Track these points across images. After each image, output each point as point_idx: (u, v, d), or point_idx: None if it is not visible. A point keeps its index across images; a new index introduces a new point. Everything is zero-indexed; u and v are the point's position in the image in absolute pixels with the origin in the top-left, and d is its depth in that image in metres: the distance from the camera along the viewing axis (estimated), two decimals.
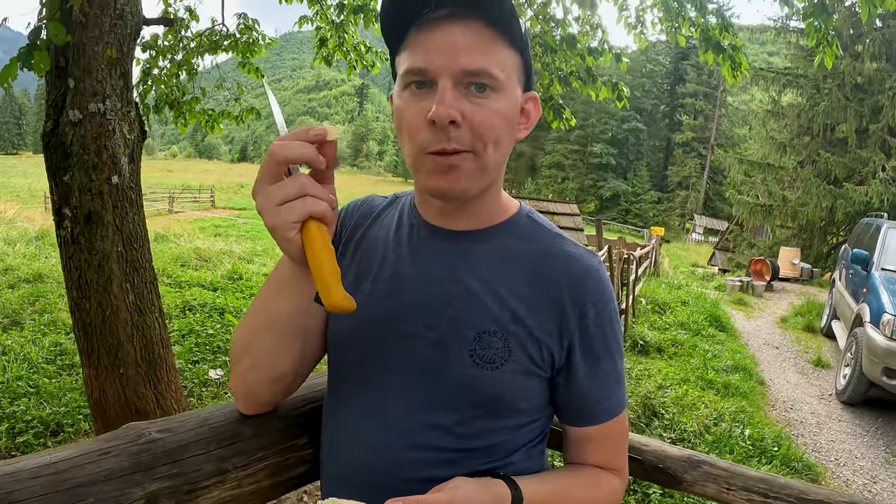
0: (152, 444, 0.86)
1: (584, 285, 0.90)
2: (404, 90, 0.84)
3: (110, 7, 2.31)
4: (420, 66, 0.80)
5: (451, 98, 0.79)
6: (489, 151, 0.83)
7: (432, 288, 0.91)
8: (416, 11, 0.82)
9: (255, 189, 0.75)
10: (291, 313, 0.87)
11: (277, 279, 0.86)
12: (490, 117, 0.81)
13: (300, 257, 0.75)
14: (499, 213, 0.96)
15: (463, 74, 0.80)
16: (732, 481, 1.29)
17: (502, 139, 0.85)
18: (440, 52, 0.79)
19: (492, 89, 0.81)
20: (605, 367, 0.93)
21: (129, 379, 2.58)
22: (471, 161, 0.82)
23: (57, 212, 2.50)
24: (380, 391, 0.91)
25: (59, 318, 5.61)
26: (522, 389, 0.89)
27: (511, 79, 0.85)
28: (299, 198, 0.72)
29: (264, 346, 0.89)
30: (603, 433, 0.96)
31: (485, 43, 0.81)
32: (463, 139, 0.80)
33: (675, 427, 4.63)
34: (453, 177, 0.82)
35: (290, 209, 0.72)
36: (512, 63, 0.85)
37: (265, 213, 0.74)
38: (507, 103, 0.84)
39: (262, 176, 0.74)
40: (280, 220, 0.72)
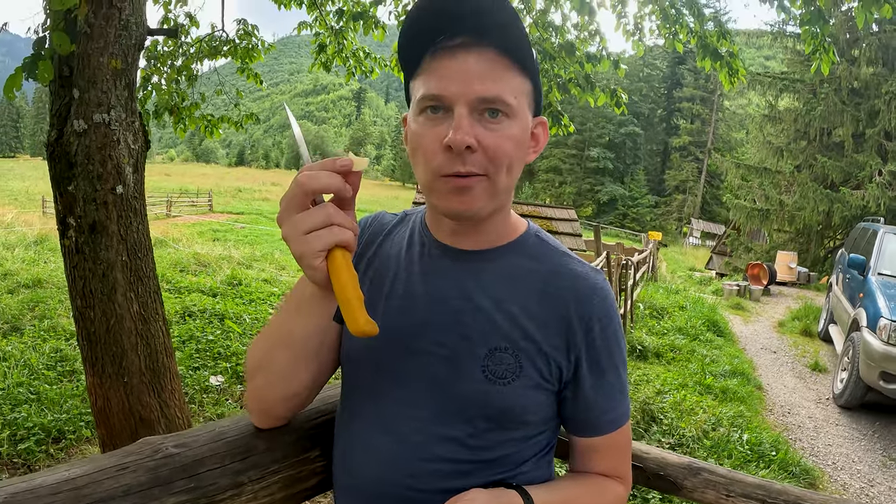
0: (169, 458, 0.87)
1: (591, 302, 0.94)
2: (419, 115, 0.86)
3: (115, 18, 2.32)
4: (435, 93, 0.83)
5: (468, 125, 0.82)
6: (501, 176, 0.86)
7: (443, 306, 0.94)
8: (431, 39, 0.85)
9: (280, 217, 0.77)
10: (309, 333, 0.89)
11: (297, 300, 0.88)
12: (503, 143, 0.84)
13: (325, 283, 0.78)
14: (508, 232, 0.99)
15: (478, 101, 0.83)
16: (731, 488, 1.33)
17: (514, 164, 0.88)
18: (455, 79, 0.83)
19: (505, 115, 0.85)
20: (611, 379, 0.96)
21: (133, 388, 2.58)
22: (484, 184, 0.86)
23: (61, 221, 2.51)
24: (393, 405, 0.94)
25: (59, 324, 5.61)
26: (532, 403, 0.92)
27: (522, 105, 0.88)
28: (326, 227, 0.75)
29: (280, 365, 0.91)
30: (608, 443, 0.99)
31: (498, 70, 0.84)
32: (477, 163, 0.84)
33: (674, 432, 4.65)
34: (467, 198, 0.85)
35: (317, 238, 0.75)
36: (523, 89, 0.88)
37: (292, 241, 0.76)
38: (519, 128, 0.87)
39: (289, 205, 0.76)
40: (307, 249, 0.75)
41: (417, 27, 0.86)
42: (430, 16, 0.84)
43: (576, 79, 4.91)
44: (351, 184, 0.77)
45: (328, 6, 5.69)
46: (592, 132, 59.22)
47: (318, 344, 0.92)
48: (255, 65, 5.72)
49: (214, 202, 35.15)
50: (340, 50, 5.72)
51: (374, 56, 5.95)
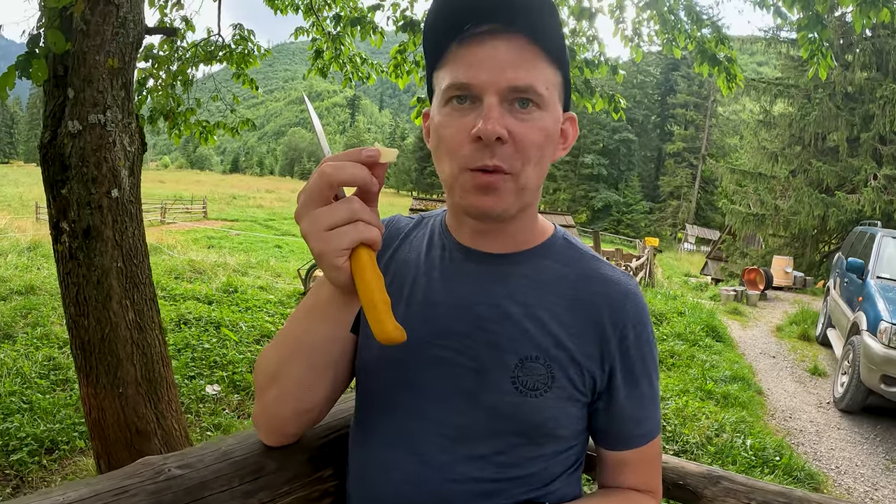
0: (172, 481, 0.81)
1: (624, 308, 0.88)
2: (445, 105, 0.81)
3: (112, 15, 2.26)
4: (464, 81, 0.78)
5: (498, 114, 0.77)
6: (529, 171, 0.81)
7: (468, 313, 0.88)
8: (458, 26, 0.79)
9: (299, 212, 0.70)
10: (327, 340, 0.83)
11: (314, 304, 0.82)
12: (534, 134, 0.79)
13: (348, 286, 0.71)
14: (535, 235, 0.93)
15: (509, 90, 0.77)
16: (752, 496, 1.30)
17: (543, 158, 0.82)
18: (484, 67, 0.77)
19: (536, 106, 0.79)
20: (644, 389, 0.91)
21: (128, 398, 2.51)
22: (510, 183, 0.80)
23: (54, 226, 2.45)
24: (413, 419, 0.88)
25: (52, 332, 5.54)
26: (564, 416, 0.87)
27: (553, 97, 0.82)
28: (351, 223, 0.68)
29: (294, 377, 0.84)
30: (639, 457, 0.94)
31: (529, 59, 0.79)
32: (506, 156, 0.78)
33: (678, 439, 4.61)
34: (492, 197, 0.80)
35: (340, 235, 0.68)
36: (554, 81, 0.83)
37: (312, 238, 0.69)
38: (551, 121, 0.82)
39: (310, 198, 0.69)
40: (329, 247, 0.68)
41: (444, 14, 0.80)
42: (457, 1, 0.79)
43: (575, 84, 4.88)
44: (377, 177, 0.71)
45: (325, 11, 5.65)
46: (586, 138, 59.36)
47: (336, 355, 0.86)
48: (250, 71, 5.68)
49: (209, 209, 35.06)
50: (337, 55, 5.68)
51: (371, 62, 5.91)
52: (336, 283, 0.72)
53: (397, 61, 5.22)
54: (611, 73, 4.83)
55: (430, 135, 0.86)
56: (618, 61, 5.13)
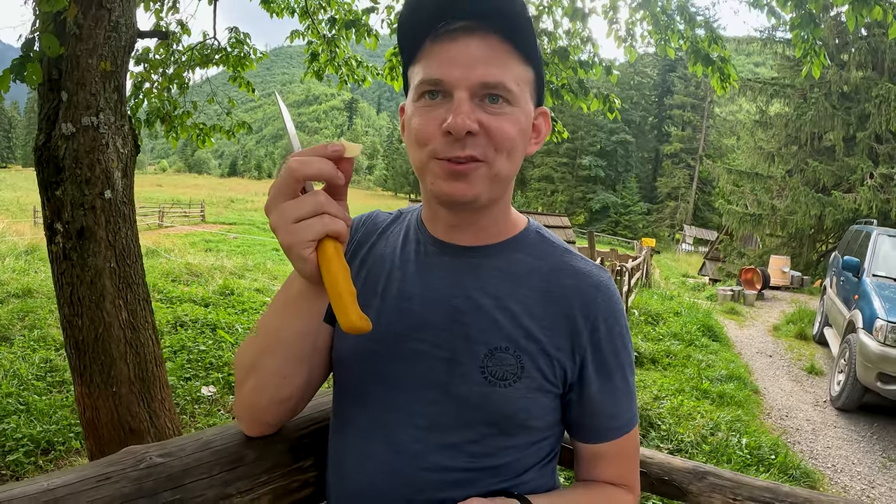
0: (153, 468, 0.83)
1: (595, 301, 0.90)
2: (418, 100, 0.83)
3: (105, 19, 2.28)
4: (436, 77, 0.80)
5: (468, 109, 0.78)
6: (501, 161, 0.82)
7: (441, 305, 0.89)
8: (432, 23, 0.81)
9: (268, 205, 0.73)
10: (300, 334, 0.84)
11: (286, 299, 0.83)
12: (506, 126, 0.81)
13: (315, 277, 0.73)
14: (507, 228, 0.95)
15: (480, 87, 0.79)
16: (738, 491, 1.29)
17: (515, 151, 0.84)
18: (456, 63, 0.79)
19: (506, 101, 0.81)
20: (617, 382, 0.92)
21: (122, 397, 2.53)
22: (483, 170, 0.82)
23: (49, 227, 2.47)
24: (388, 411, 0.89)
25: (49, 334, 5.54)
26: (535, 406, 0.88)
27: (524, 93, 0.84)
28: (316, 216, 0.70)
29: (270, 368, 0.86)
30: (615, 450, 0.94)
31: (501, 56, 0.81)
32: (478, 147, 0.80)
33: (672, 438, 4.62)
34: (464, 184, 0.81)
35: (307, 227, 0.70)
36: (526, 77, 0.84)
37: (280, 230, 0.71)
38: (522, 116, 0.84)
39: (278, 192, 0.72)
40: (296, 239, 0.70)
41: (418, 12, 0.82)
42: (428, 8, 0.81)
43: (569, 84, 4.90)
44: (343, 171, 0.73)
45: (320, 14, 5.66)
46: (584, 140, 59.43)
47: (310, 346, 0.87)
48: (246, 74, 5.68)
49: (207, 213, 35.05)
50: (333, 58, 5.69)
51: (367, 64, 5.92)
52: (304, 274, 0.74)
53: (392, 64, 5.24)
54: (605, 73, 4.85)
55: (405, 128, 0.88)
56: (613, 62, 5.15)
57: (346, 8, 5.52)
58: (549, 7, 4.83)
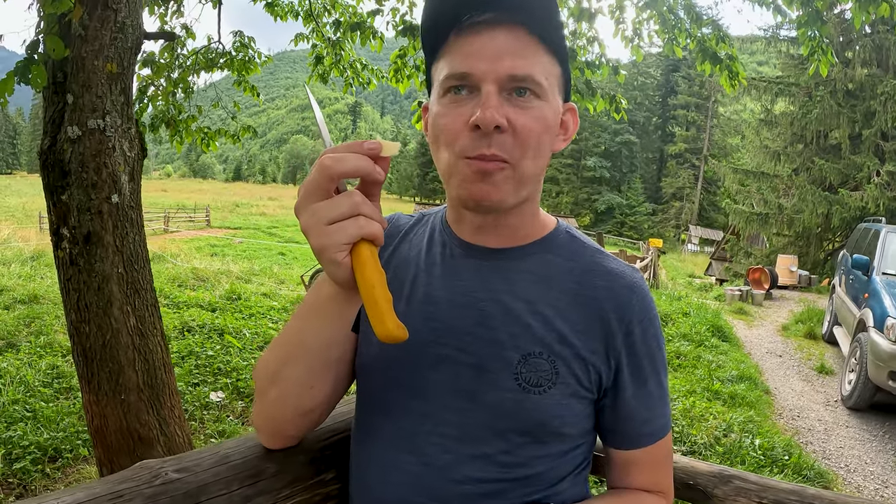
0: (169, 485, 0.79)
1: (630, 302, 0.86)
2: (443, 96, 0.80)
3: (110, 20, 2.25)
4: (462, 71, 0.77)
5: (497, 102, 0.75)
6: (527, 161, 0.79)
7: (470, 310, 0.86)
8: (457, 16, 0.78)
9: (299, 205, 0.68)
10: (327, 342, 0.81)
11: (313, 304, 0.80)
12: (533, 123, 0.78)
13: (349, 282, 0.69)
14: (537, 229, 0.91)
15: (508, 79, 0.76)
16: (764, 495, 1.27)
17: (542, 148, 0.81)
18: (483, 56, 0.76)
19: (534, 95, 0.78)
20: (652, 387, 0.89)
21: (130, 405, 2.49)
22: (508, 172, 0.78)
23: (55, 232, 2.44)
24: (413, 421, 0.86)
25: (55, 340, 5.53)
26: (569, 413, 0.84)
27: (553, 87, 0.81)
28: (352, 217, 0.66)
29: (293, 378, 0.82)
30: (649, 456, 0.91)
31: (527, 48, 0.78)
32: (505, 145, 0.77)
33: (686, 440, 4.59)
34: (489, 187, 0.78)
35: (341, 230, 0.66)
36: (554, 71, 0.81)
37: (312, 232, 0.67)
38: (550, 111, 0.81)
39: (310, 191, 0.67)
40: (330, 242, 0.66)
41: (442, 5, 0.79)
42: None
43: (575, 85, 4.86)
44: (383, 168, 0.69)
45: (325, 17, 5.65)
46: (588, 141, 59.38)
47: (336, 355, 0.84)
48: (251, 78, 5.67)
49: (212, 217, 35.15)
50: (338, 61, 5.67)
51: (372, 67, 5.90)
52: (336, 279, 0.70)
53: (397, 66, 5.21)
54: (612, 73, 4.81)
55: (429, 127, 0.85)
56: (618, 62, 5.12)
57: (351, 11, 5.51)
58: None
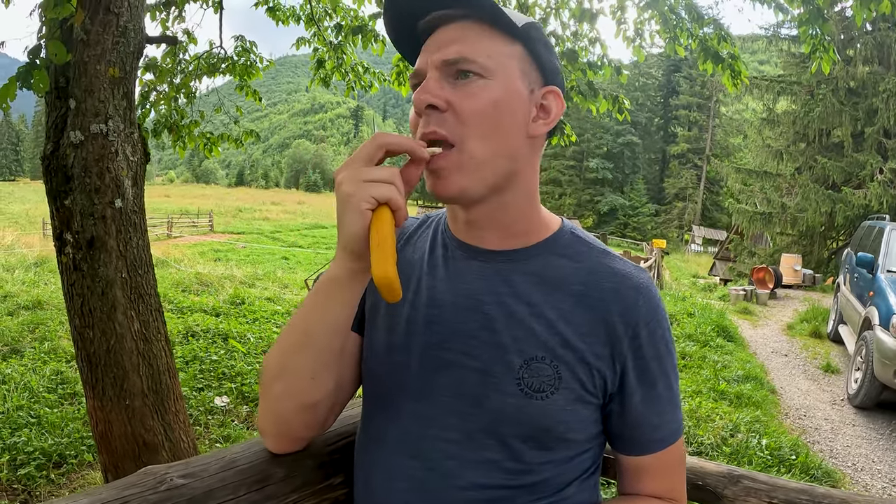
0: (174, 491, 0.78)
1: (636, 304, 0.84)
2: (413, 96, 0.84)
3: (113, 24, 2.25)
4: (416, 68, 0.84)
5: (434, 85, 0.79)
6: (474, 141, 0.79)
7: (473, 314, 0.85)
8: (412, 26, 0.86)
9: (343, 166, 0.74)
10: (331, 328, 0.81)
11: (319, 289, 0.82)
12: (478, 103, 0.79)
13: (361, 239, 0.72)
14: (539, 230, 0.90)
15: (444, 63, 0.79)
16: (774, 494, 1.25)
17: (497, 127, 0.80)
18: (429, 49, 0.82)
19: (478, 76, 0.79)
20: (661, 390, 0.87)
21: (135, 410, 2.49)
22: (453, 156, 0.79)
23: (58, 237, 2.44)
24: (418, 425, 0.85)
25: (59, 346, 5.53)
26: (574, 419, 0.83)
27: (507, 67, 0.81)
28: (388, 183, 0.72)
29: (298, 368, 0.82)
30: (660, 462, 0.89)
31: (471, 36, 0.81)
32: (445, 124, 0.79)
33: (692, 440, 4.57)
34: (444, 181, 0.80)
35: (374, 187, 0.72)
36: (507, 52, 0.81)
37: (346, 182, 0.73)
38: (501, 91, 0.80)
39: (358, 156, 0.74)
40: (361, 192, 0.72)
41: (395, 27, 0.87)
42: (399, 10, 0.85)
43: (577, 86, 4.85)
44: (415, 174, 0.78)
45: (326, 21, 5.66)
46: (590, 143, 59.30)
47: (339, 347, 0.83)
48: (253, 83, 5.68)
49: (215, 222, 35.18)
50: (340, 65, 5.68)
51: (373, 70, 5.90)
52: (352, 229, 0.73)
53: (399, 69, 5.22)
54: (615, 73, 4.81)
55: None
56: (620, 63, 5.11)
57: (353, 14, 5.51)
58: (557, 9, 4.79)
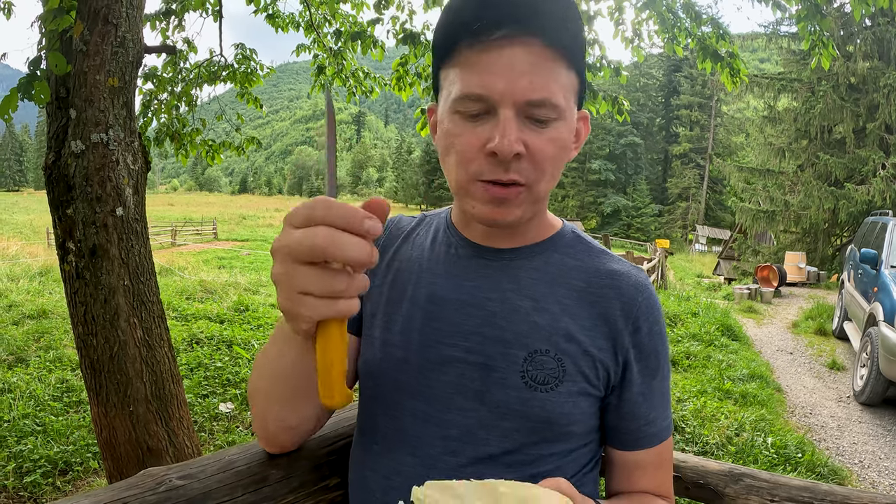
0: (173, 492, 0.80)
1: (636, 302, 0.86)
2: (456, 113, 0.77)
3: (111, 35, 2.27)
4: (478, 93, 0.74)
5: (516, 130, 0.74)
6: (543, 184, 0.79)
7: (476, 309, 0.85)
8: (472, 28, 0.74)
9: (277, 250, 0.58)
10: (302, 370, 0.77)
11: (282, 335, 0.76)
12: (551, 148, 0.77)
13: (307, 341, 0.67)
14: (544, 230, 0.92)
15: (526, 104, 0.74)
16: (776, 492, 1.25)
17: (558, 167, 0.80)
18: (500, 77, 0.73)
19: (555, 119, 0.77)
20: (657, 384, 0.89)
21: (139, 416, 2.50)
22: (524, 195, 0.79)
23: (61, 246, 2.46)
24: (417, 423, 0.85)
25: (64, 355, 5.56)
26: (576, 411, 0.83)
27: (570, 102, 0.79)
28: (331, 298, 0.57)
29: (268, 399, 0.83)
30: (653, 458, 0.90)
31: (546, 65, 0.74)
32: (523, 171, 0.76)
33: (697, 440, 4.55)
34: (505, 209, 0.79)
35: (313, 307, 0.57)
36: (571, 86, 0.79)
37: (281, 290, 0.59)
38: (567, 129, 0.80)
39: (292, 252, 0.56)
40: (298, 312, 0.58)
41: (457, 16, 0.76)
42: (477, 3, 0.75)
43: None
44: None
45: (325, 28, 5.68)
46: (592, 144, 59.30)
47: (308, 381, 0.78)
48: (254, 90, 5.70)
49: (219, 230, 35.26)
50: (340, 70, 5.70)
51: (374, 76, 5.92)
52: (295, 335, 0.69)
53: (399, 74, 5.23)
54: (614, 75, 4.81)
55: (439, 136, 0.83)
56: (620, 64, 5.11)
57: (352, 20, 5.53)
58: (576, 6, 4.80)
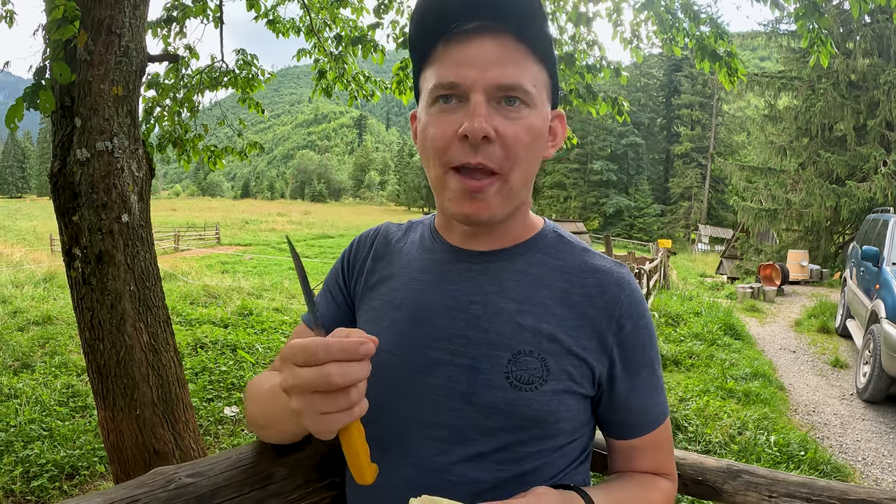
0: (182, 489, 0.82)
1: (618, 298, 0.88)
2: (432, 106, 0.81)
3: (115, 44, 2.31)
4: (451, 80, 0.78)
5: (486, 112, 0.77)
6: (517, 173, 0.81)
7: (461, 313, 0.88)
8: (444, 25, 0.80)
9: (293, 388, 0.65)
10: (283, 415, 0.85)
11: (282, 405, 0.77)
12: (522, 133, 0.79)
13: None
14: (525, 231, 0.94)
15: (496, 88, 0.78)
16: (774, 488, 1.26)
17: (532, 158, 0.83)
18: (472, 65, 0.78)
19: (524, 104, 0.80)
20: (646, 377, 0.91)
21: (146, 420, 2.53)
22: (498, 185, 0.81)
23: (67, 252, 2.49)
24: (407, 424, 0.88)
25: (69, 360, 5.59)
26: (563, 408, 0.86)
27: (541, 95, 0.83)
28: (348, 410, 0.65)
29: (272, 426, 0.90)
30: (649, 442, 0.93)
31: (516, 56, 0.79)
32: (493, 155, 0.78)
33: (700, 439, 4.57)
34: (479, 204, 0.81)
35: (336, 421, 0.65)
36: (542, 79, 0.83)
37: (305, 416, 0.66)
38: (539, 119, 0.82)
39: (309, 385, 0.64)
40: (322, 428, 0.66)
41: (430, 13, 0.80)
42: (443, 1, 0.79)
43: (576, 90, 4.88)
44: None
45: (326, 32, 5.71)
46: (594, 145, 59.29)
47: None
48: (255, 95, 5.73)
49: (222, 235, 35.30)
50: (341, 75, 5.73)
51: (375, 79, 5.95)
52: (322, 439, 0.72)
53: (400, 77, 5.26)
54: (614, 75, 4.83)
55: (418, 137, 0.86)
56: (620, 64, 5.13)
57: (352, 25, 5.57)
58: (553, 13, 4.83)
